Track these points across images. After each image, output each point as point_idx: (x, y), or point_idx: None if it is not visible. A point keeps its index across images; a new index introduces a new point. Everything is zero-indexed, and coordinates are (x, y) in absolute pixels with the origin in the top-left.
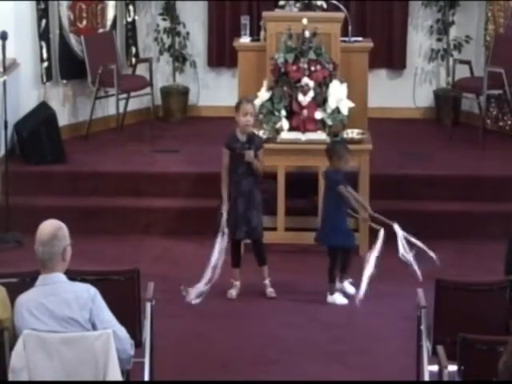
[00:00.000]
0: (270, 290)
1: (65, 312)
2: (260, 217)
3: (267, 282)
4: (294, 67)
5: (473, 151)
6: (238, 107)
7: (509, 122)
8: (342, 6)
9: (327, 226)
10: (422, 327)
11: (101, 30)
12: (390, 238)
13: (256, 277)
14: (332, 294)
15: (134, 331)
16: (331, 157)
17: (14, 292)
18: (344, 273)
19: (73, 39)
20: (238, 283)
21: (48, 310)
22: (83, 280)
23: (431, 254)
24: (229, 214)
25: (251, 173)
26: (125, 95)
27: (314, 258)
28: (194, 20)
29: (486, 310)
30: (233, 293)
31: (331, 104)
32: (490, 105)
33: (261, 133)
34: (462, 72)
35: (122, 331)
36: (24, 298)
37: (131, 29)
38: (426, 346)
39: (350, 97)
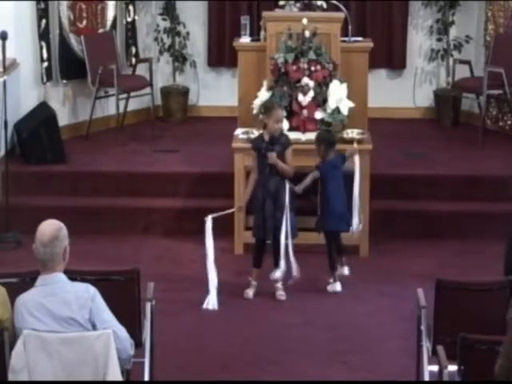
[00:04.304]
0: (280, 293)
1: (65, 312)
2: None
3: (279, 284)
4: (294, 67)
5: (473, 151)
6: (269, 112)
7: (509, 122)
8: (342, 6)
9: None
10: (422, 327)
11: (101, 30)
12: None
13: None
14: (335, 281)
15: (134, 331)
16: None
17: (13, 292)
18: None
19: (73, 39)
20: (255, 283)
21: (48, 310)
22: (83, 280)
23: None
24: (256, 215)
25: (277, 173)
26: (125, 95)
27: (314, 258)
28: (194, 20)
29: (485, 310)
30: (249, 293)
31: (331, 104)
32: (490, 105)
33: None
34: (462, 72)
35: (122, 331)
36: (24, 298)
37: (131, 29)
38: (426, 346)
39: (350, 97)
